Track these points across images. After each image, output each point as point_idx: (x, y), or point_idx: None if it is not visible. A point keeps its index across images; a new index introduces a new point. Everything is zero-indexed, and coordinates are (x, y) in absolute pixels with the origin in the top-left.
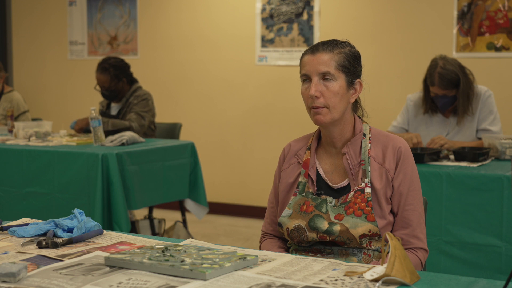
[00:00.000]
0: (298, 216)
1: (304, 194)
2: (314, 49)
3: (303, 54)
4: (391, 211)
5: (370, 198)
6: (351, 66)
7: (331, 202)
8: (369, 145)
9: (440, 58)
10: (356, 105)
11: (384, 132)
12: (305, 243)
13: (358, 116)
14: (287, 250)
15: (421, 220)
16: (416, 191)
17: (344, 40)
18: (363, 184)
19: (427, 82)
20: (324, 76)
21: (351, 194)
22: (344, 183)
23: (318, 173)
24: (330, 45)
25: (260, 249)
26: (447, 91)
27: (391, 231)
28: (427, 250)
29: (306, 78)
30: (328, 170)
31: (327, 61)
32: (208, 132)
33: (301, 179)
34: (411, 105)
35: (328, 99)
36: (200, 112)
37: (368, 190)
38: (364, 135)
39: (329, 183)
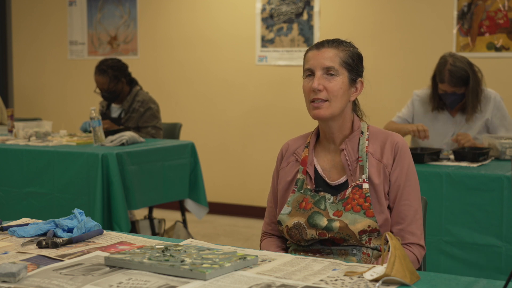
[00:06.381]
0: (297, 213)
1: (302, 191)
2: (319, 45)
3: (308, 50)
4: (388, 207)
5: (368, 194)
6: (354, 64)
7: (329, 199)
8: (367, 142)
9: (450, 55)
10: (355, 107)
11: (382, 129)
12: (304, 241)
13: (357, 115)
14: (286, 250)
15: (417, 216)
16: (413, 187)
17: (349, 41)
18: (360, 180)
19: (436, 79)
20: (328, 71)
21: (349, 190)
22: (342, 179)
23: (316, 170)
24: (335, 42)
25: (260, 248)
26: (457, 88)
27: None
28: (423, 247)
29: (309, 73)
30: (326, 167)
31: (332, 56)
32: (208, 132)
33: (299, 176)
34: (417, 100)
35: (330, 93)
36: (200, 112)
37: (366, 186)
38: (362, 132)
39: (327, 180)
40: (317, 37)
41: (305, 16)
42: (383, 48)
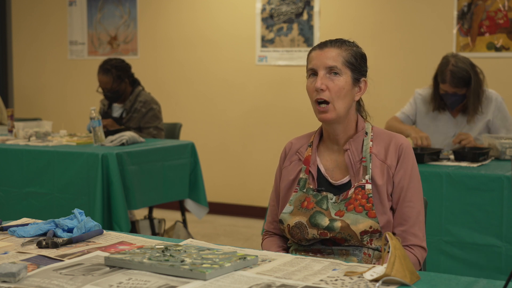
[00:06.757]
0: (299, 212)
1: (305, 191)
2: (322, 45)
3: (311, 50)
4: (391, 208)
5: (370, 195)
6: (358, 63)
7: (331, 199)
8: (371, 143)
9: (452, 56)
10: (359, 107)
11: (386, 130)
12: (305, 241)
13: (361, 115)
14: (287, 249)
15: (420, 218)
16: (416, 188)
17: (352, 41)
18: (363, 180)
19: (438, 79)
20: (331, 71)
21: (351, 191)
22: (345, 180)
23: (319, 170)
24: (338, 42)
25: (261, 247)
26: (458, 89)
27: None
28: (425, 249)
29: (312, 73)
30: (329, 167)
31: (335, 56)
32: (208, 132)
33: (302, 175)
34: (419, 98)
35: (334, 93)
36: (200, 112)
37: (368, 186)
38: (366, 133)
39: (329, 179)
40: (317, 37)
41: (305, 16)
42: (383, 48)
